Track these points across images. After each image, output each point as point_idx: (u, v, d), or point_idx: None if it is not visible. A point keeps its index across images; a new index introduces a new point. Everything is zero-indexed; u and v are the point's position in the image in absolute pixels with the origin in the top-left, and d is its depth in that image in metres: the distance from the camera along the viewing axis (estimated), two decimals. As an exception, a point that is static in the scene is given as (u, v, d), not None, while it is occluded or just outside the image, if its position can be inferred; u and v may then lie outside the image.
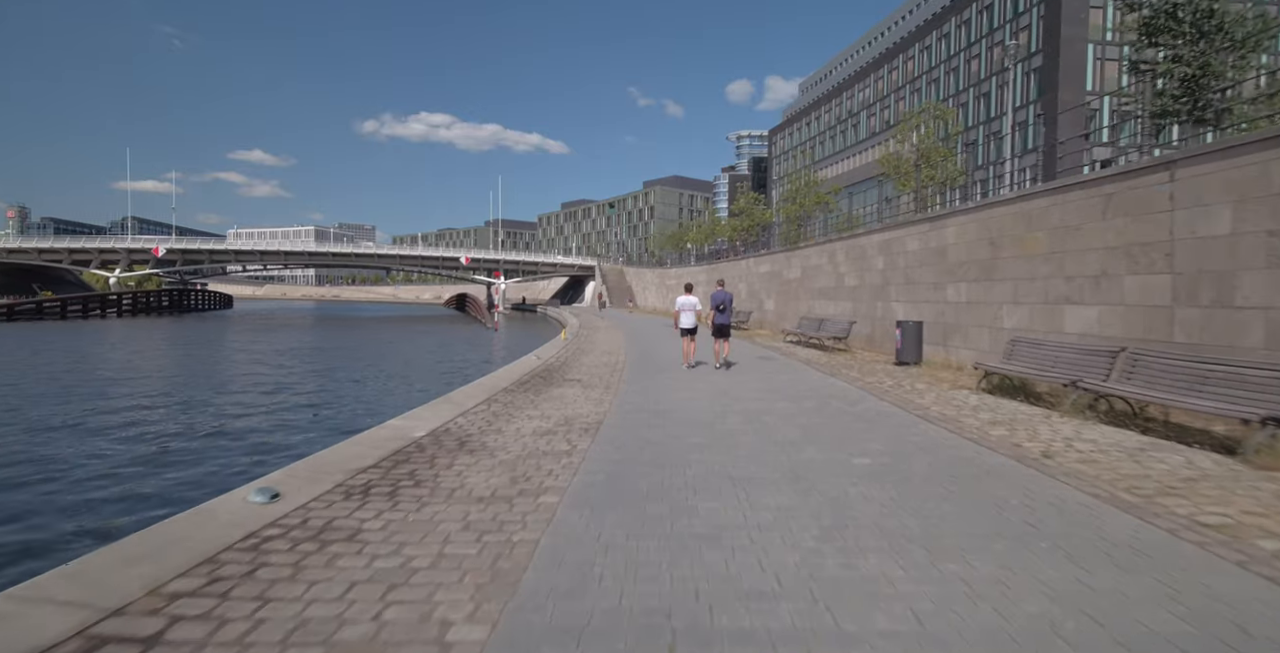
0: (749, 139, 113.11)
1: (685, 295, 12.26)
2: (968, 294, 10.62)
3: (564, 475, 4.71)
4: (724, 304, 11.89)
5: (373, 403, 14.21)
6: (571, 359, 13.64)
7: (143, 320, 53.18)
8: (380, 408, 12.90)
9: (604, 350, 15.85)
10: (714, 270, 34.03)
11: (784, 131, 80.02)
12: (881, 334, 13.99)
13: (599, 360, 13.43)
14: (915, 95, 54.68)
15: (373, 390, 16.01)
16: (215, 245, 69.46)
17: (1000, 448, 5.42)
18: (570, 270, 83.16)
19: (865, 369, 11.27)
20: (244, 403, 14.05)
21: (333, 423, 11.79)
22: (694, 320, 12.06)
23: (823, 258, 17.86)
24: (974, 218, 10.43)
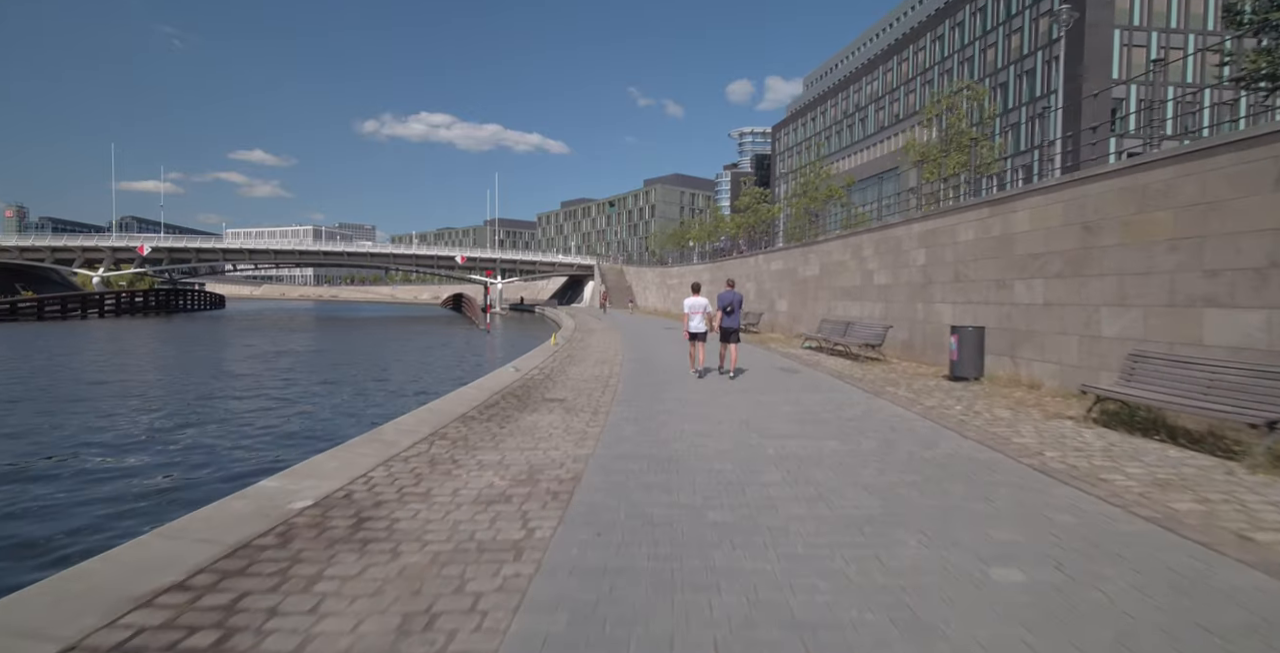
0: (751, 136, 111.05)
1: (694, 297, 10.97)
2: (1046, 293, 8.54)
3: (499, 612, 2.65)
4: (732, 306, 10.62)
5: (307, 430, 11.23)
6: (558, 371, 11.58)
7: (126, 322, 51.17)
8: (312, 437, 10.53)
9: (597, 359, 13.79)
10: (719, 269, 31.97)
11: (788, 127, 77.92)
12: (923, 341, 11.91)
13: (590, 372, 11.36)
14: (927, 87, 52.58)
15: (324, 409, 13.29)
16: (202, 244, 67.41)
17: (1228, 546, 3.34)
18: (569, 270, 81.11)
19: (915, 386, 9.20)
20: (149, 427, 11.51)
21: (228, 468, 8.58)
22: (705, 324, 10.84)
23: (846, 253, 15.79)
24: (1056, 198, 8.35)
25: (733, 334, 10.63)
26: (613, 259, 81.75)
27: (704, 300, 10.89)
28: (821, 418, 6.87)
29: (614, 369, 11.85)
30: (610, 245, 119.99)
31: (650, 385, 9.60)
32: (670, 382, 9.97)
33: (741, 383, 9.87)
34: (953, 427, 6.28)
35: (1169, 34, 37.14)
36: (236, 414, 12.43)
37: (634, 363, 13.06)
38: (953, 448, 5.46)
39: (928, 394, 8.40)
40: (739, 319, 10.74)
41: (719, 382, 10.11)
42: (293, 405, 13.50)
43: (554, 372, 11.39)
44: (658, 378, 10.48)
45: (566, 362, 13.12)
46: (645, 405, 7.80)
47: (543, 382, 10.03)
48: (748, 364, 12.45)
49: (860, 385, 9.29)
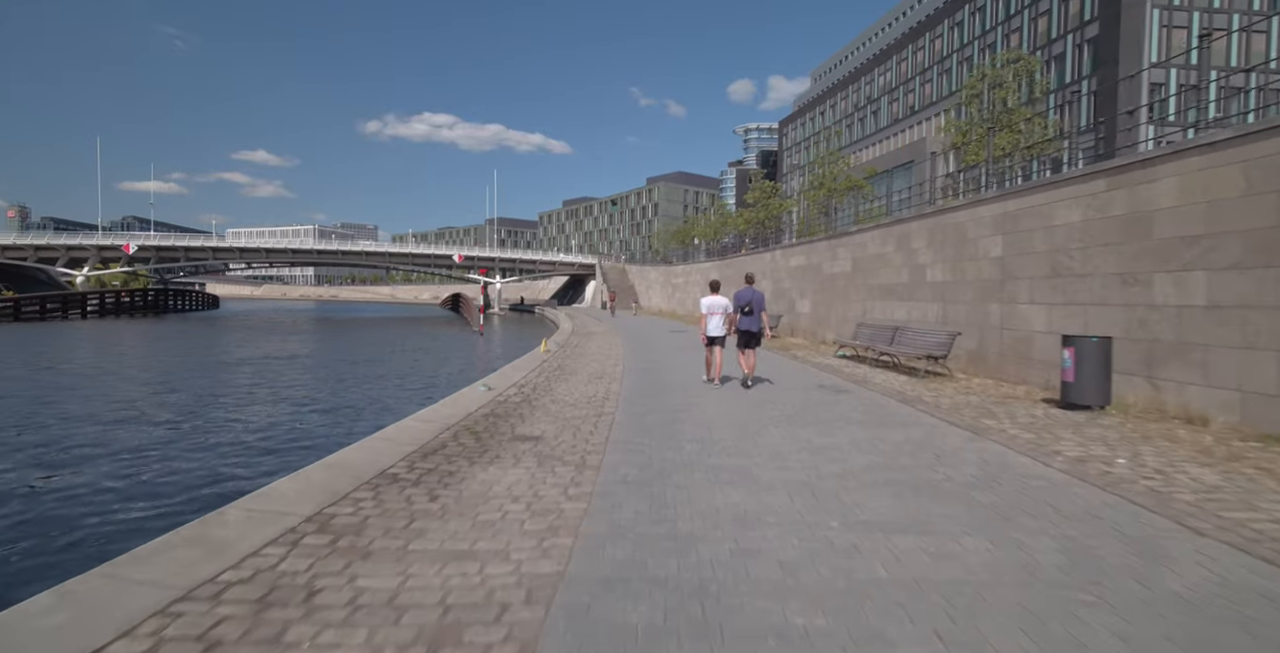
0: (757, 132, 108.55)
1: (712, 296, 9.62)
2: (1211, 291, 6.14)
3: None
4: (751, 305, 9.28)
5: (155, 491, 7.53)
6: (542, 388, 9.23)
7: (109, 323, 48.96)
8: (154, 504, 7.02)
9: (593, 371, 11.43)
10: (728, 266, 29.59)
11: (795, 122, 75.52)
12: (1000, 351, 9.52)
13: (581, 391, 9.00)
14: (944, 77, 50.15)
15: (219, 452, 9.47)
16: (190, 242, 65.29)
17: None
18: (570, 269, 78.78)
19: (1018, 418, 6.81)
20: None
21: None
22: (723, 327, 9.50)
23: (888, 244, 13.39)
24: (1233, 157, 5.95)
25: (752, 338, 9.33)
26: (615, 258, 79.40)
27: (724, 300, 9.48)
28: (925, 481, 4.50)
29: (612, 386, 9.49)
30: (613, 245, 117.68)
31: (659, 412, 7.25)
32: (685, 407, 7.61)
33: (781, 406, 7.50)
34: (1151, 505, 3.90)
35: (1211, 14, 34.60)
36: (116, 455, 9.36)
37: (637, 376, 10.70)
38: (1204, 565, 3.08)
39: (1050, 433, 6.01)
40: (760, 321, 9.35)
41: (744, 400, 7.78)
42: (192, 438, 10.35)
43: (537, 390, 9.04)
44: (668, 402, 8.11)
45: (555, 375, 10.76)
46: (653, 450, 5.43)
47: (519, 407, 7.68)
48: (779, 378, 10.10)
49: (943, 416, 6.90)
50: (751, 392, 8.51)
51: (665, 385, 9.58)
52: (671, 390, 9.09)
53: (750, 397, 8.18)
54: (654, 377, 10.63)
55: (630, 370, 11.47)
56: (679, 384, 9.70)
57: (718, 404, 7.77)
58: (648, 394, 8.72)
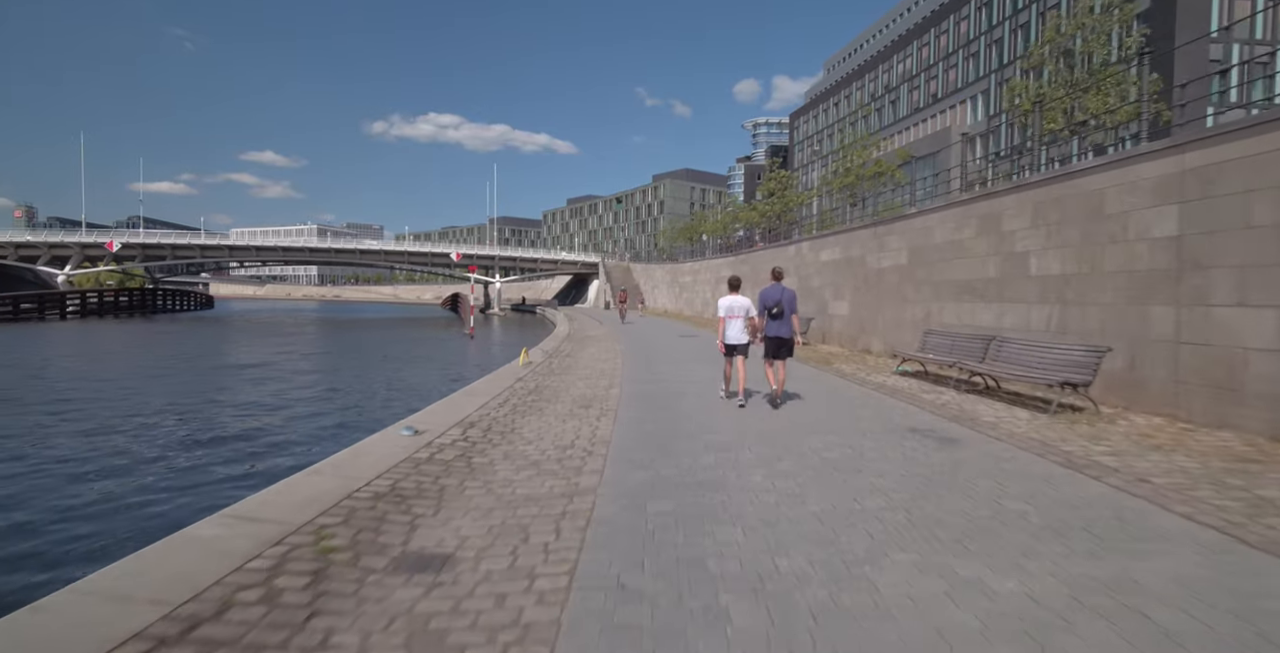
0: (766, 127, 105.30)
1: (731, 295, 7.93)
2: None
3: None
4: (780, 306, 7.62)
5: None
6: (496, 431, 6.24)
7: (91, 324, 46.35)
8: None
9: (577, 397, 8.43)
10: (742, 262, 26.54)
11: (807, 114, 72.33)
12: (1173, 375, 6.47)
13: (552, 437, 5.99)
14: (971, 61, 46.92)
15: (105, 486, 8.10)
16: (177, 240, 62.76)
17: None
18: (572, 268, 75.94)
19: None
20: None
21: None
22: (746, 333, 7.82)
23: (964, 228, 10.34)
24: None
25: (783, 347, 7.73)
26: (619, 256, 76.43)
27: (746, 301, 7.82)
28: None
29: (601, 425, 6.51)
30: (618, 243, 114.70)
31: (671, 489, 4.24)
32: (714, 476, 4.59)
33: (872, 477, 4.47)
34: None
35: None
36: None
37: (639, 404, 7.71)
38: None
39: None
40: (791, 325, 7.70)
41: (808, 462, 4.78)
42: (122, 477, 8.07)
43: (489, 433, 6.06)
44: (684, 459, 5.08)
45: (525, 404, 7.78)
46: (666, 613, 2.46)
47: (443, 474, 4.71)
48: (835, 409, 7.08)
49: (1184, 511, 3.86)
50: (819, 446, 5.52)
51: (678, 424, 6.59)
52: (688, 433, 6.09)
53: (821, 455, 5.18)
54: (662, 407, 7.63)
55: (630, 396, 8.47)
56: (698, 421, 6.70)
57: (767, 472, 4.76)
58: (653, 442, 5.72)
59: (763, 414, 7.11)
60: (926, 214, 11.65)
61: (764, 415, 7.01)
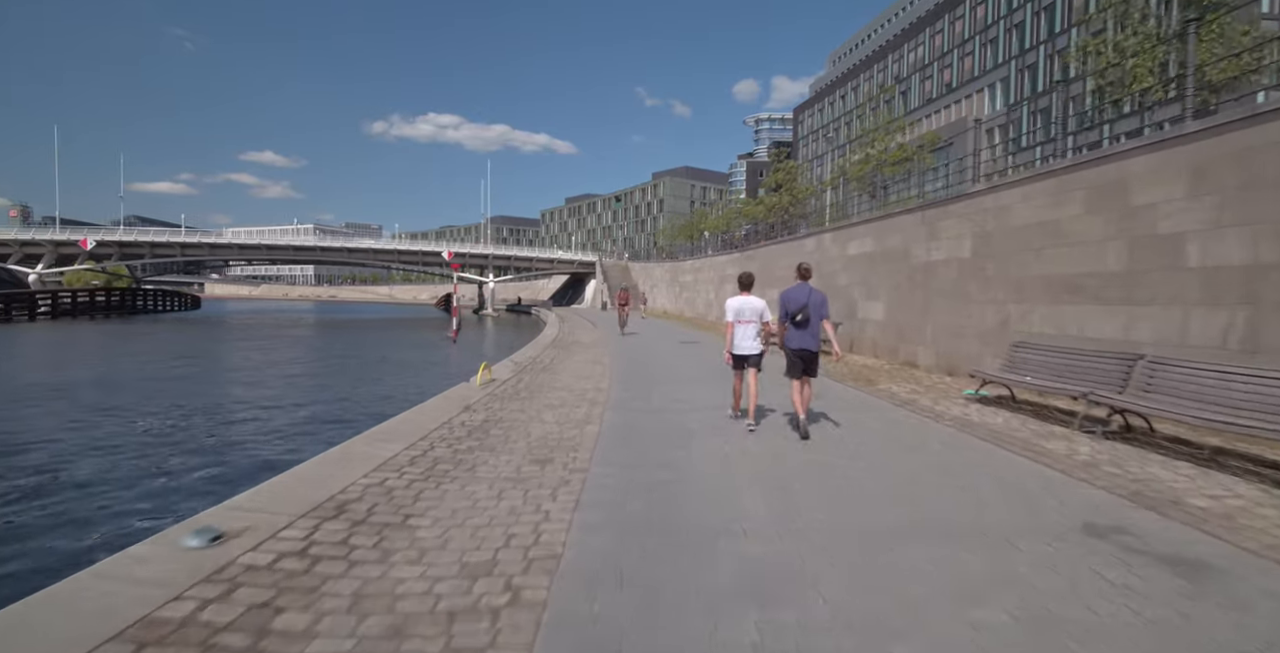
0: (769, 122, 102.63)
1: (742, 296, 6.33)
2: None
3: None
4: (806, 312, 5.94)
5: None
6: (395, 510, 3.57)
7: (64, 325, 43.70)
8: None
9: (537, 439, 5.78)
10: (750, 259, 23.93)
11: (812, 108, 69.76)
12: None
13: (473, 531, 3.32)
14: (988, 47, 44.33)
15: None
16: (156, 237, 60.09)
17: None
18: (569, 267, 73.30)
19: None
20: None
21: None
22: (759, 342, 6.22)
23: (1066, 205, 7.73)
24: None
25: (811, 363, 6.03)
26: (617, 255, 73.84)
27: (760, 303, 6.30)
28: None
29: (553, 510, 3.85)
30: (616, 242, 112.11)
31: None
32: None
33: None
34: None
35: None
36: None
37: (622, 458, 5.05)
38: None
39: None
40: (818, 333, 6.06)
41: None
42: None
43: (348, 540, 3.38)
44: (700, 630, 2.45)
45: (450, 459, 5.11)
46: None
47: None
48: (915, 471, 4.33)
49: None
50: (947, 578, 2.94)
51: (684, 505, 3.96)
52: (701, 529, 3.45)
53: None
54: (659, 462, 5.01)
55: (614, 439, 5.86)
56: (716, 496, 4.06)
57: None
58: (638, 555, 3.08)
59: (806, 473, 4.49)
60: (1001, 190, 9.02)
61: (815, 479, 4.40)
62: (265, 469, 6.94)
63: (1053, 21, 38.64)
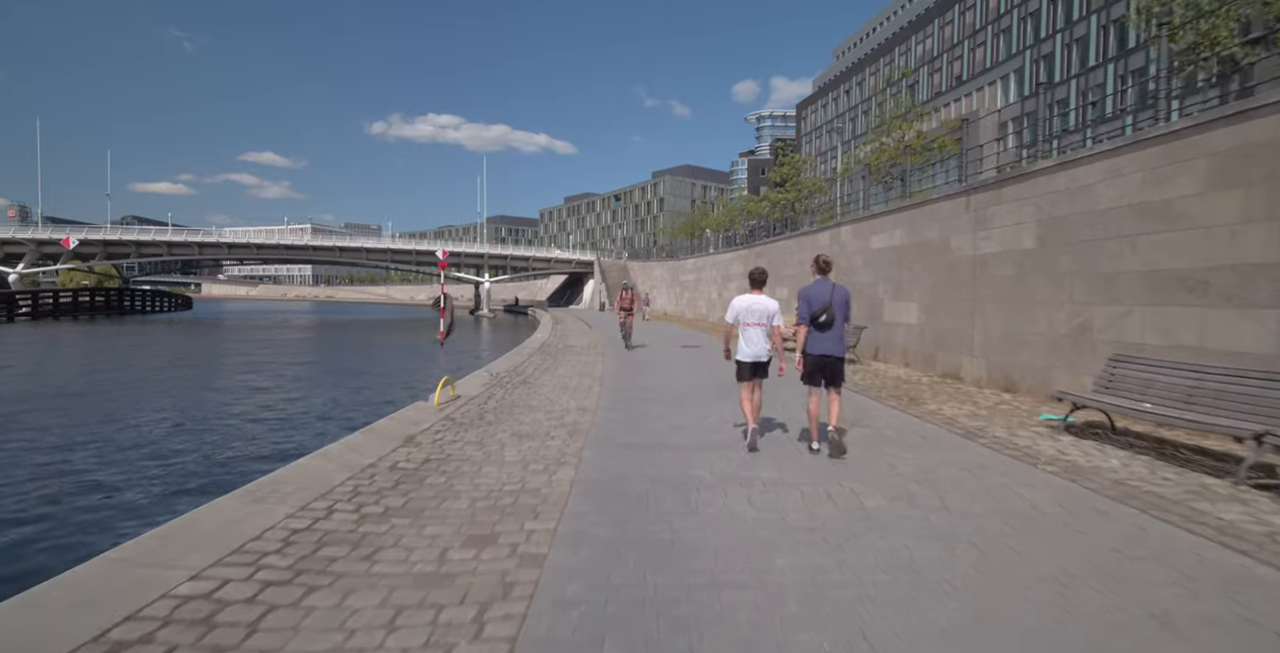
0: (770, 120, 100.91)
1: (752, 294, 5.57)
2: None
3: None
4: (829, 311, 5.21)
5: None
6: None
7: (46, 327, 41.94)
8: None
9: (486, 495, 4.05)
10: (757, 256, 22.27)
11: (815, 104, 68.09)
12: None
13: None
14: (1001, 38, 42.65)
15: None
16: (141, 236, 58.42)
17: None
18: (566, 267, 71.74)
19: None
20: None
21: None
22: (767, 346, 5.41)
23: (1176, 181, 6.06)
24: None
25: (836, 370, 5.27)
26: (616, 254, 72.21)
27: (772, 304, 5.45)
28: None
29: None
30: (616, 242, 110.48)
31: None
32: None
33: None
34: None
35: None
36: None
37: (602, 536, 3.29)
38: None
39: None
40: (843, 338, 5.29)
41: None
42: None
43: None
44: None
45: (345, 536, 3.38)
46: None
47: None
48: (1045, 574, 2.61)
49: None
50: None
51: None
52: None
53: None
54: (654, 540, 3.31)
55: (592, 496, 4.17)
56: (750, 617, 2.38)
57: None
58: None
59: (886, 573, 2.80)
60: (1077, 165, 7.33)
61: (904, 594, 2.71)
62: (63, 553, 5.20)
63: (1070, 8, 36.94)
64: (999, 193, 8.72)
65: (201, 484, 7.62)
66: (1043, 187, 7.84)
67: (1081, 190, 7.21)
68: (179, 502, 6.73)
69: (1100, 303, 6.94)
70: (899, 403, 7.73)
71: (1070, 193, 7.39)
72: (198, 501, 4.49)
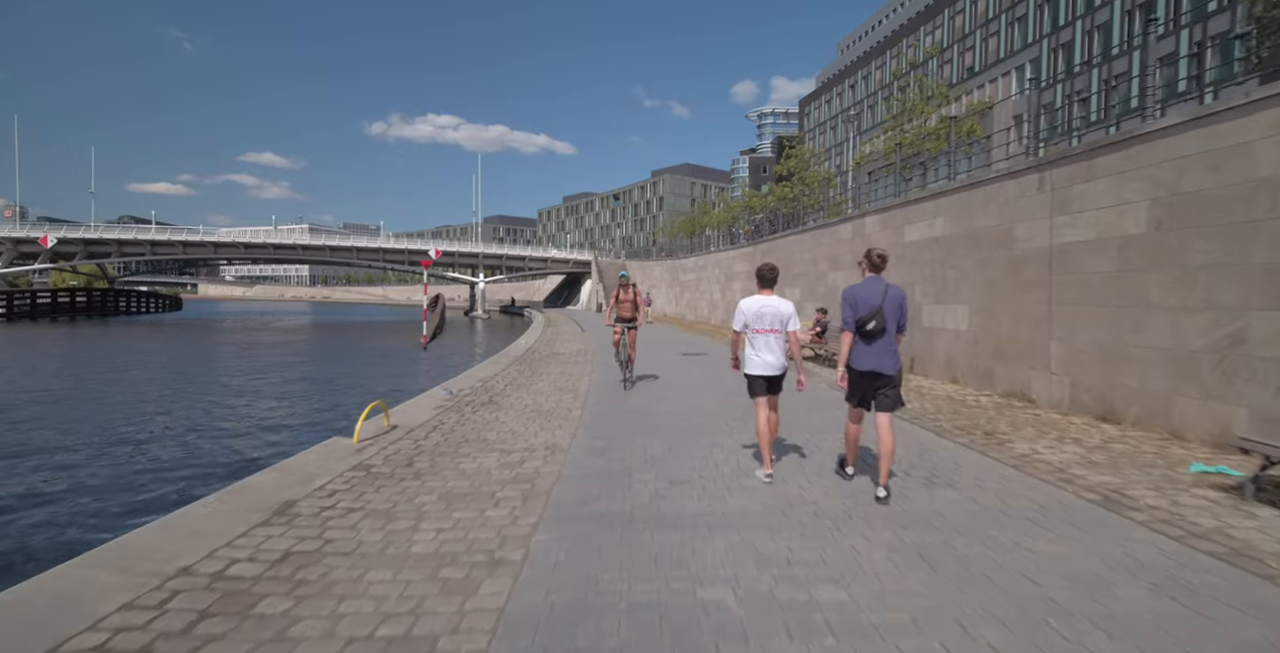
0: (772, 117, 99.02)
1: (762, 295, 4.75)
2: None
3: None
4: (880, 317, 4.17)
5: None
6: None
7: (22, 329, 40.02)
8: None
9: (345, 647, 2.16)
10: (765, 253, 20.38)
11: (819, 99, 66.21)
12: None
13: None
14: (1016, 26, 40.79)
15: None
16: (123, 235, 56.49)
17: None
18: (563, 267, 69.96)
19: None
20: None
21: None
22: (781, 357, 4.62)
23: None
24: None
25: (886, 388, 4.21)
26: (614, 254, 70.35)
27: (787, 306, 4.68)
28: None
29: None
30: (615, 241, 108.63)
31: None
32: None
33: None
34: None
35: None
36: None
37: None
38: None
39: None
40: (897, 350, 4.27)
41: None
42: None
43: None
44: None
45: None
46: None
47: None
48: None
49: None
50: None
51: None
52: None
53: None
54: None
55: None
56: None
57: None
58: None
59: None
60: (1220, 120, 5.42)
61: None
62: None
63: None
64: (1090, 165, 6.81)
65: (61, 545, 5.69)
66: (1161, 152, 5.94)
67: (1230, 153, 5.30)
68: None
69: (1260, 307, 5.05)
70: (971, 438, 5.84)
71: (1209, 158, 5.49)
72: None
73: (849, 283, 13.76)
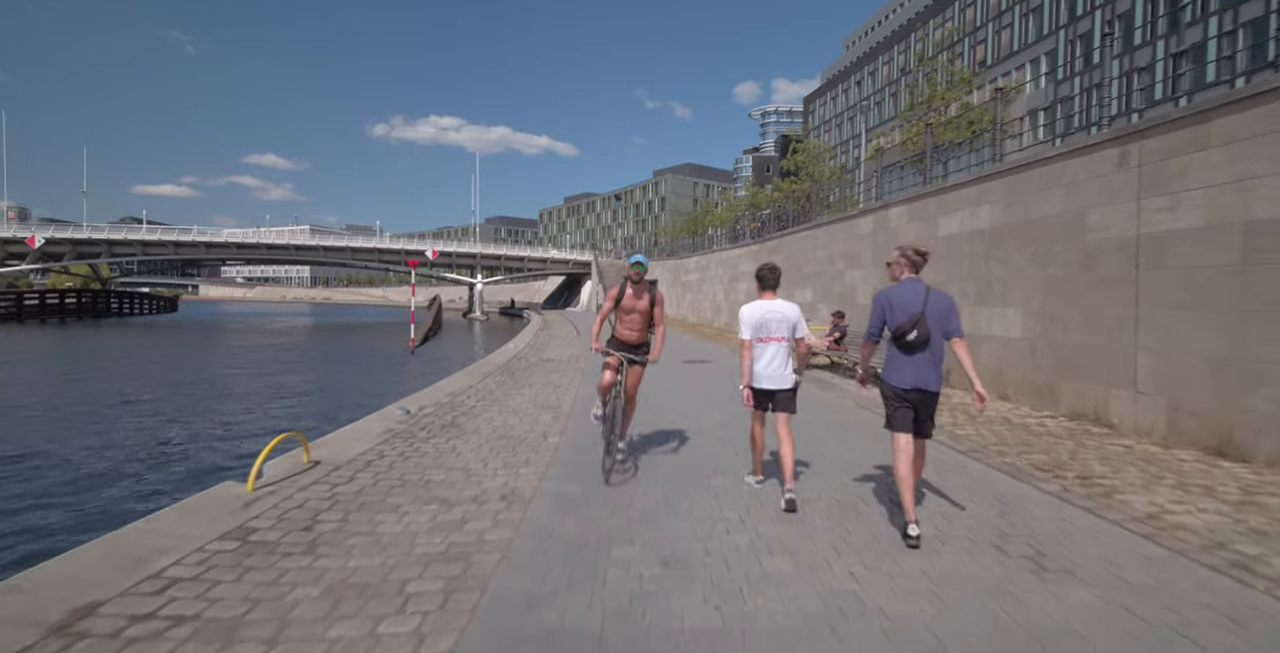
0: (775, 115, 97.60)
1: (765, 300, 4.23)
2: None
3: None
4: (923, 325, 3.54)
5: None
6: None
7: (8, 331, 38.76)
8: None
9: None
10: (771, 251, 19.00)
11: (824, 97, 64.83)
12: None
13: None
14: (1030, 18, 39.36)
15: None
16: (112, 234, 55.28)
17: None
18: (563, 267, 68.60)
19: None
20: None
21: None
22: (789, 368, 4.12)
23: None
24: None
25: (927, 410, 3.64)
26: (614, 254, 69.01)
27: (794, 311, 4.22)
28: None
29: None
30: (616, 242, 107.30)
31: None
32: None
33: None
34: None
35: None
36: None
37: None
38: None
39: None
40: (942, 360, 3.65)
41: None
42: None
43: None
44: None
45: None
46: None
47: None
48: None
49: None
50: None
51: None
52: None
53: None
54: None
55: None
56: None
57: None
58: None
59: None
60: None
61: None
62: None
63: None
64: (1202, 131, 5.40)
65: None
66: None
67: None
68: None
69: None
70: (1062, 484, 4.43)
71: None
72: None
73: (868, 283, 12.34)
